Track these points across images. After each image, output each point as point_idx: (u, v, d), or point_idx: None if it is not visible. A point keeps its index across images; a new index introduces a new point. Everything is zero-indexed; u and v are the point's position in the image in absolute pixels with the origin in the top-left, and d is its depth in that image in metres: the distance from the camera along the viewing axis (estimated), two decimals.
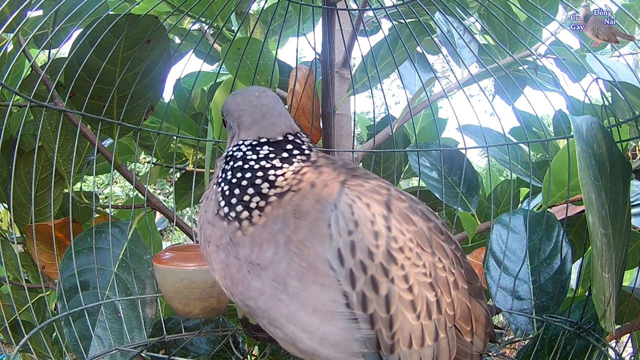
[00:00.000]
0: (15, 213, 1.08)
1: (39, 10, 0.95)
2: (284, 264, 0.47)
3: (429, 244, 0.50)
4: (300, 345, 0.50)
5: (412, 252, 0.48)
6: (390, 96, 7.48)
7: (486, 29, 1.29)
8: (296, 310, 0.48)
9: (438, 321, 0.49)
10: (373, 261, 0.46)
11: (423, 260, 0.49)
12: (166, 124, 1.28)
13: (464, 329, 0.53)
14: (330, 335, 0.47)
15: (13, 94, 0.74)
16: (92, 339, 0.81)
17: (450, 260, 0.53)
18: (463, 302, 0.53)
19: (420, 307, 0.48)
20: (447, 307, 0.51)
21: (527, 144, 1.05)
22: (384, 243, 0.47)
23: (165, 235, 3.70)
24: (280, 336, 0.51)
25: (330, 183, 0.50)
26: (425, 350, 0.49)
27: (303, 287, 0.47)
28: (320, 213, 0.48)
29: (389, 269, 0.47)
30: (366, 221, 0.47)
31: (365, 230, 0.46)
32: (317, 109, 1.15)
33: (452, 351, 0.51)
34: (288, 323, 0.49)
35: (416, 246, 0.49)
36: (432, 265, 0.50)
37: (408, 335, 0.48)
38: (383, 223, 0.47)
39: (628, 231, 0.68)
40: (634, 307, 0.85)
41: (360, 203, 0.48)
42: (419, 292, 0.48)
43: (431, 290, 0.49)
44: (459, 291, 0.53)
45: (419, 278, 0.48)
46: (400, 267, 0.47)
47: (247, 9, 1.24)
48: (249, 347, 0.99)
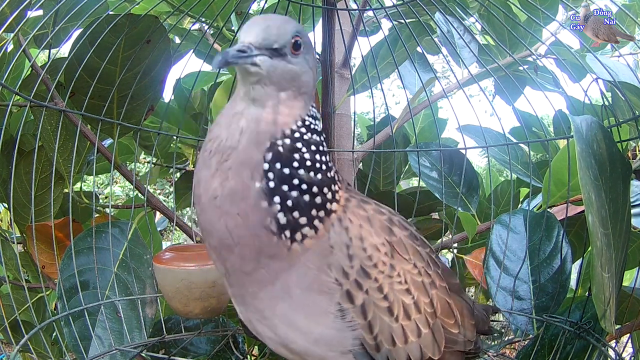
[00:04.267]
0: (15, 213, 1.08)
1: (39, 10, 0.95)
2: (294, 277, 0.49)
3: (406, 250, 0.55)
4: (293, 346, 0.52)
5: (385, 266, 0.52)
6: (390, 96, 7.48)
7: (486, 29, 1.29)
8: (291, 311, 0.50)
9: (419, 320, 0.54)
10: (348, 279, 0.50)
11: (397, 269, 0.53)
12: (166, 124, 1.28)
13: (447, 322, 0.57)
14: (326, 335, 0.50)
15: (13, 94, 0.74)
16: (92, 339, 0.81)
17: (426, 263, 0.57)
18: (442, 299, 0.58)
19: (397, 311, 0.53)
20: (426, 306, 0.55)
21: (527, 144, 1.05)
22: (357, 263, 0.50)
23: (165, 235, 3.69)
24: (270, 336, 0.53)
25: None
26: (410, 346, 0.54)
27: (305, 295, 0.50)
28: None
29: (363, 284, 0.50)
30: (342, 246, 0.50)
31: (340, 254, 0.50)
32: (317, 109, 1.15)
33: (440, 342, 0.56)
34: (282, 325, 0.51)
35: (391, 258, 0.53)
36: (407, 272, 0.54)
37: (389, 335, 0.52)
38: (359, 245, 0.51)
39: (628, 231, 0.68)
40: (634, 307, 0.85)
41: (339, 227, 0.50)
42: (395, 298, 0.53)
43: (407, 294, 0.54)
44: (437, 289, 0.57)
45: (394, 286, 0.53)
46: (374, 280, 0.51)
47: (247, 9, 1.24)
48: (249, 347, 0.99)
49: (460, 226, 1.17)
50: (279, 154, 0.46)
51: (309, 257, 0.49)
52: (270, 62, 0.46)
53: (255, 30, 0.46)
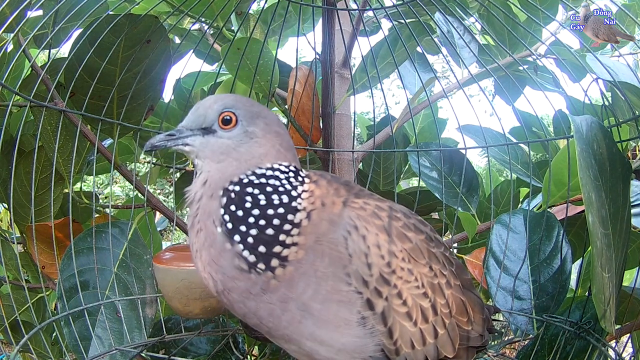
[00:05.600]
0: (15, 213, 1.08)
1: (39, 10, 0.95)
2: (309, 292, 0.50)
3: (422, 255, 0.55)
4: (317, 357, 0.52)
5: (404, 271, 0.53)
6: (390, 96, 7.48)
7: (486, 29, 1.29)
8: (317, 329, 0.51)
9: (435, 322, 0.55)
10: (367, 288, 0.50)
11: (415, 274, 0.54)
12: (166, 124, 1.28)
13: (461, 320, 0.58)
14: (348, 344, 0.51)
15: (13, 94, 0.74)
16: (92, 339, 0.81)
17: (442, 264, 0.57)
18: (457, 298, 0.58)
19: (415, 315, 0.53)
20: (442, 307, 0.56)
21: (527, 144, 1.05)
22: (377, 271, 0.51)
23: (165, 235, 3.69)
24: (294, 349, 0.54)
25: (336, 201, 0.53)
26: (427, 347, 0.54)
27: (325, 308, 0.50)
28: (333, 234, 0.51)
29: (382, 291, 0.51)
30: (360, 254, 0.50)
31: (359, 262, 0.50)
32: (317, 109, 1.15)
33: (455, 340, 0.57)
34: (308, 341, 0.52)
35: (408, 263, 0.53)
36: (424, 276, 0.54)
37: (409, 340, 0.53)
38: (377, 253, 0.51)
39: (628, 231, 0.68)
40: (634, 307, 0.85)
41: (356, 235, 0.51)
42: (413, 302, 0.53)
43: (425, 298, 0.54)
44: (452, 289, 0.58)
45: (412, 291, 0.53)
46: (394, 286, 0.52)
47: (247, 9, 1.24)
48: (249, 347, 0.99)
49: (460, 226, 1.17)
50: (231, 199, 0.50)
51: (317, 267, 0.49)
52: (200, 139, 0.54)
53: (189, 114, 0.55)
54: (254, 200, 0.50)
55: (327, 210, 0.52)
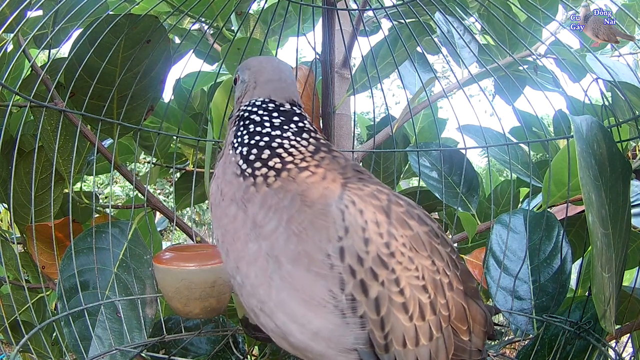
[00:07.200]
0: (15, 213, 1.08)
1: (39, 10, 0.95)
2: (281, 241, 0.48)
3: (424, 247, 0.52)
4: (292, 339, 0.50)
5: (404, 257, 0.49)
6: (390, 96, 7.47)
7: (486, 29, 1.29)
8: (287, 296, 0.48)
9: (432, 322, 0.51)
10: (362, 266, 0.47)
11: (416, 263, 0.50)
12: (166, 124, 1.28)
13: (460, 328, 0.54)
14: (323, 329, 0.47)
15: (13, 94, 0.74)
16: (92, 339, 0.81)
17: (446, 263, 0.54)
18: (458, 303, 0.54)
19: (412, 308, 0.50)
20: (442, 308, 0.52)
21: (527, 144, 1.05)
22: (374, 249, 0.48)
23: (165, 235, 3.69)
24: (272, 328, 0.51)
25: (337, 179, 0.51)
26: (420, 349, 0.50)
27: (296, 272, 0.47)
28: (323, 207, 0.49)
29: (379, 274, 0.48)
30: (357, 228, 0.48)
31: (355, 236, 0.48)
32: (317, 109, 1.15)
33: (449, 349, 0.53)
34: (278, 311, 0.49)
35: (409, 250, 0.50)
36: (425, 268, 0.51)
37: (401, 335, 0.49)
38: (375, 230, 0.48)
39: (628, 231, 0.68)
40: (634, 307, 0.85)
41: (354, 209, 0.48)
42: (411, 294, 0.49)
43: (424, 292, 0.50)
44: (454, 292, 0.54)
45: (411, 281, 0.49)
46: (391, 271, 0.48)
47: (247, 9, 1.24)
48: (249, 347, 0.99)
49: (460, 226, 1.17)
50: (236, 126, 0.58)
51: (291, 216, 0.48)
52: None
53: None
54: (252, 121, 0.56)
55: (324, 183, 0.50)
